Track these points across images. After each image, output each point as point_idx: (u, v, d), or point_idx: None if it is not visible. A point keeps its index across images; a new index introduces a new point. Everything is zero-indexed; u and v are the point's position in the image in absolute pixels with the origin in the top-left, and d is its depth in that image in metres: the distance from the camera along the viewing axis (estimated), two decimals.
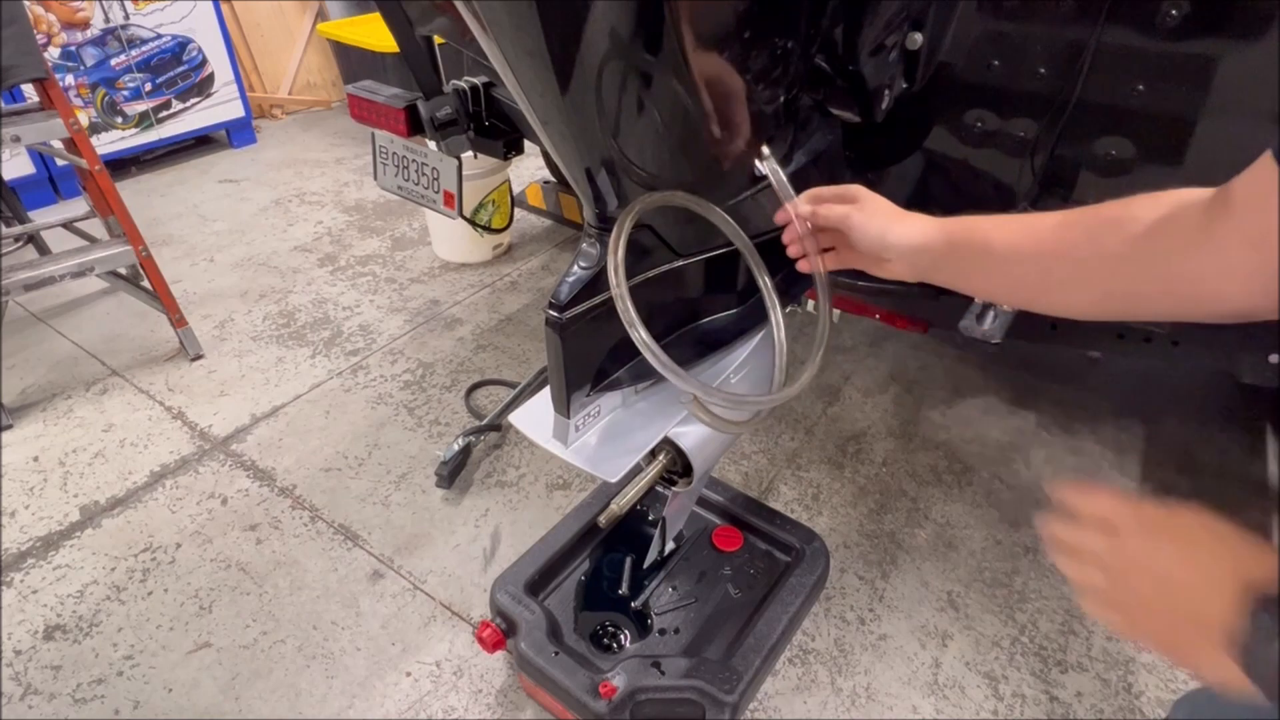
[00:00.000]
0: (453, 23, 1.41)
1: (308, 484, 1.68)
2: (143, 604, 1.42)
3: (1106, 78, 1.05)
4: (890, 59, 1.12)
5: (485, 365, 2.06)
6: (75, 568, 1.49)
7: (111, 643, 1.35)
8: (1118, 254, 0.62)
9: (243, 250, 2.68)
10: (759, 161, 0.84)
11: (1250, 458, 1.73)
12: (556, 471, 1.70)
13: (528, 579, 1.21)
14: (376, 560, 1.50)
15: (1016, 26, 1.10)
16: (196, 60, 3.25)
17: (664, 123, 0.75)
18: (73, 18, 2.87)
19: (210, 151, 3.54)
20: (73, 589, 1.45)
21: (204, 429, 1.84)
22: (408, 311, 2.31)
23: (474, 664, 1.30)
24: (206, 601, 1.42)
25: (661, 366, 0.70)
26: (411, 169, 1.59)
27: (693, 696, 1.06)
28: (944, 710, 1.24)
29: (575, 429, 0.87)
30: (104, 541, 1.55)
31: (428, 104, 1.50)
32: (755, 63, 0.78)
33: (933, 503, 1.62)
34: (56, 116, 1.72)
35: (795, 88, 0.90)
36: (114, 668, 1.31)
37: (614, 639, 1.19)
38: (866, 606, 1.40)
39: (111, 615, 1.40)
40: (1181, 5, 0.96)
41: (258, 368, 2.06)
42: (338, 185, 3.19)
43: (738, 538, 1.34)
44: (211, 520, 1.59)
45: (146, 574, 1.47)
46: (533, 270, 2.53)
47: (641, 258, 0.84)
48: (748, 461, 1.73)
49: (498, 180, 2.34)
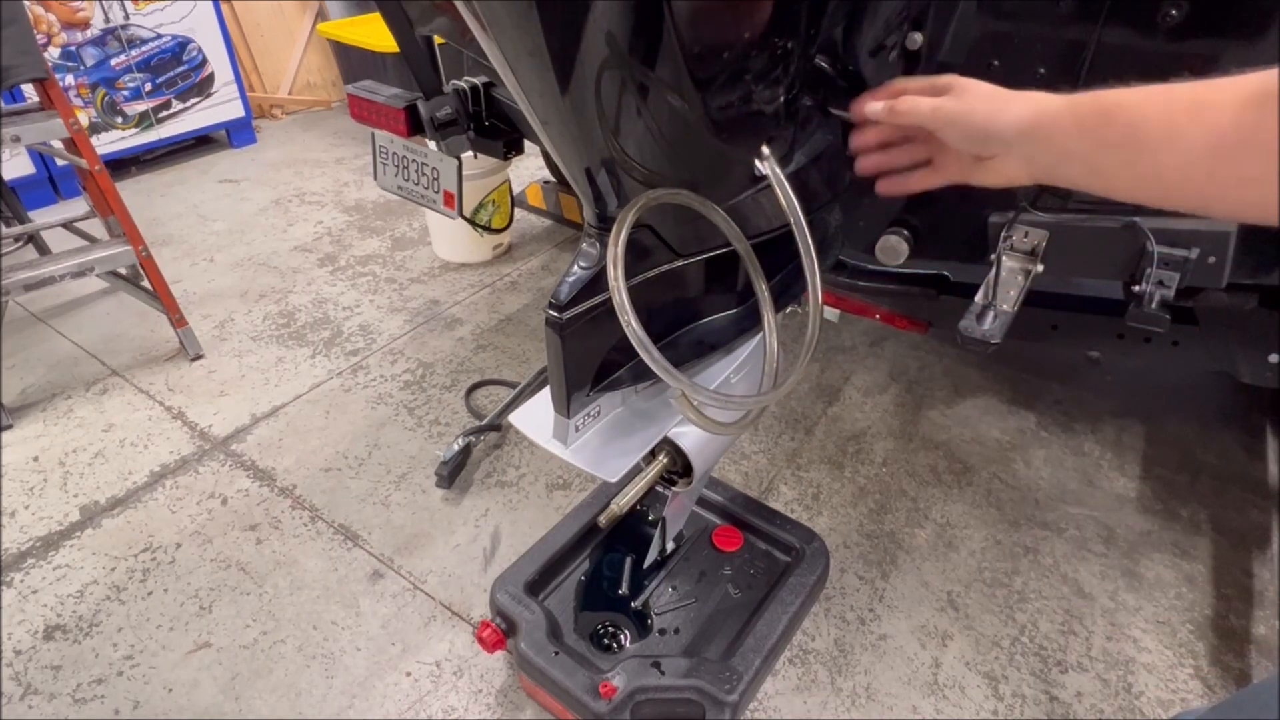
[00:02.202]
0: (453, 23, 1.41)
1: (308, 484, 1.68)
2: (143, 604, 1.42)
3: (1106, 78, 1.05)
4: (890, 59, 1.12)
5: (485, 365, 2.06)
6: (75, 568, 1.49)
7: (111, 643, 1.35)
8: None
9: (243, 250, 2.68)
10: (759, 161, 0.84)
11: (1250, 458, 1.73)
12: (556, 471, 1.70)
13: (528, 579, 1.21)
14: (376, 560, 1.50)
15: (1016, 26, 1.09)
16: (196, 60, 3.25)
17: (664, 123, 0.75)
18: (73, 18, 2.87)
19: (210, 151, 3.54)
20: (73, 589, 1.45)
21: (204, 429, 1.84)
22: (408, 311, 2.31)
23: (474, 664, 1.30)
24: (206, 601, 1.42)
25: (652, 361, 0.70)
26: (411, 169, 1.59)
27: (693, 696, 1.06)
28: (944, 710, 1.24)
29: (575, 429, 0.87)
30: (104, 541, 1.55)
31: (428, 104, 1.50)
32: (755, 63, 0.78)
33: (933, 503, 1.62)
34: (56, 116, 1.72)
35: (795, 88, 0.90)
36: (114, 668, 1.31)
37: (614, 639, 1.19)
38: (866, 606, 1.40)
39: (111, 615, 1.40)
40: (1181, 5, 0.95)
41: (258, 368, 2.06)
42: (338, 185, 3.19)
43: (738, 538, 1.34)
44: (211, 520, 1.59)
45: (146, 574, 1.47)
46: (533, 270, 2.53)
47: (641, 258, 0.84)
48: (748, 461, 1.73)
49: (498, 180, 2.34)
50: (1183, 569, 1.47)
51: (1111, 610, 1.39)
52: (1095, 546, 1.52)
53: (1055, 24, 1.06)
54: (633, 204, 0.72)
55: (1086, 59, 1.05)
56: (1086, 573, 1.46)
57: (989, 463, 1.72)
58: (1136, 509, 1.60)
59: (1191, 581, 1.45)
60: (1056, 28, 1.06)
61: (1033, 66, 1.10)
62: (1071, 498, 1.62)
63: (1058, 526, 1.56)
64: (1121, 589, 1.43)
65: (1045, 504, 1.61)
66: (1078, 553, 1.50)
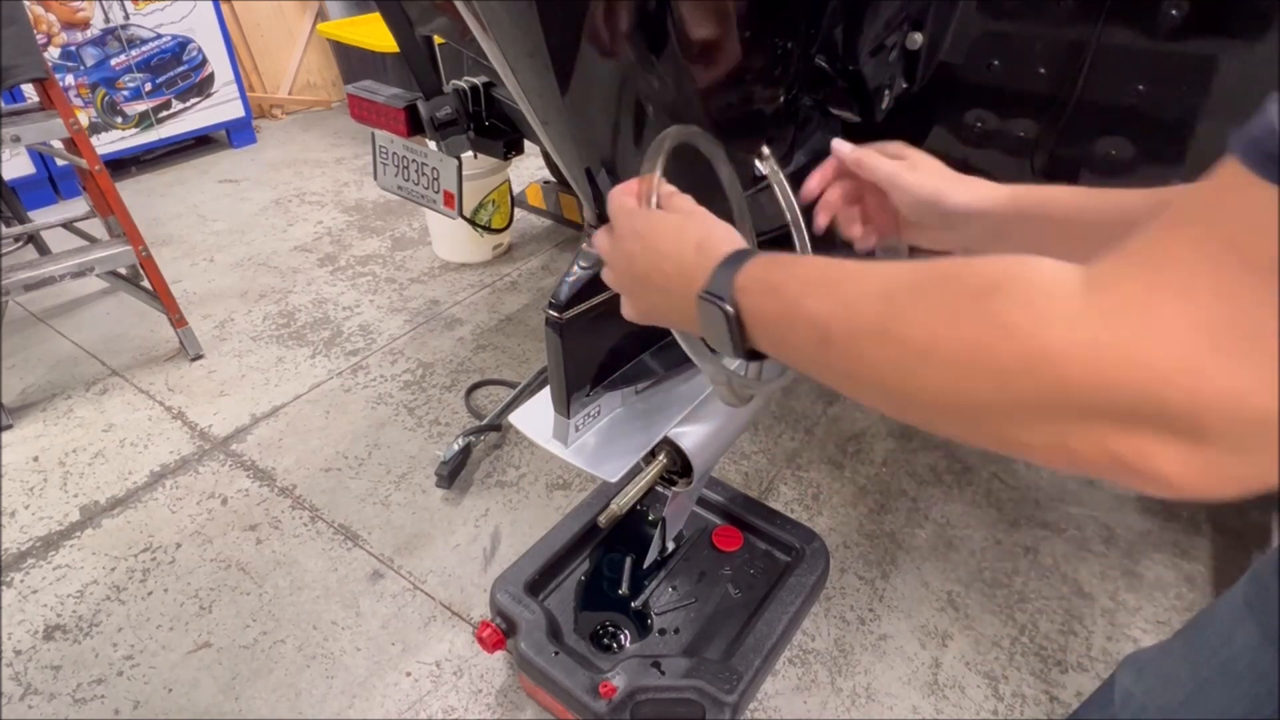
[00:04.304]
0: (453, 23, 1.41)
1: (308, 484, 1.68)
2: (143, 604, 1.42)
3: (1106, 78, 1.05)
4: (890, 59, 1.12)
5: (485, 365, 2.06)
6: (75, 568, 1.49)
7: (111, 643, 1.35)
8: None
9: (243, 250, 2.68)
10: (759, 161, 0.84)
11: None
12: (556, 471, 1.70)
13: (528, 579, 1.21)
14: (376, 560, 1.50)
15: (1016, 26, 1.10)
16: (196, 60, 3.25)
17: (664, 123, 0.75)
18: (73, 18, 2.87)
19: (210, 151, 3.54)
20: (73, 589, 1.45)
21: (204, 429, 1.84)
22: (408, 311, 2.31)
23: (474, 664, 1.30)
24: (206, 601, 1.42)
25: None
26: (411, 169, 1.59)
27: (693, 696, 1.06)
28: (944, 710, 1.24)
29: (575, 429, 0.87)
30: (104, 541, 1.55)
31: (428, 104, 1.50)
32: (755, 63, 0.78)
33: (933, 503, 1.62)
34: (56, 116, 1.72)
35: (795, 88, 0.90)
36: (114, 668, 1.31)
37: (614, 639, 1.19)
38: (866, 606, 1.40)
39: (111, 615, 1.40)
40: (1181, 5, 0.95)
41: (258, 368, 2.06)
42: (338, 185, 3.19)
43: (738, 538, 1.34)
44: (211, 520, 1.59)
45: (146, 574, 1.47)
46: (533, 270, 2.53)
47: None
48: (748, 461, 1.73)
49: (498, 180, 2.34)
50: (1183, 569, 1.47)
51: (1111, 610, 1.39)
52: (1095, 546, 1.52)
53: (1055, 24, 1.06)
54: (669, 133, 0.70)
55: (1086, 59, 1.05)
56: (1086, 573, 1.46)
57: (989, 462, 1.72)
58: (1136, 509, 1.60)
59: (1191, 581, 1.45)
60: (1056, 28, 1.06)
61: (1033, 66, 1.10)
62: (1071, 498, 1.62)
63: (1058, 526, 1.56)
64: (1121, 589, 1.43)
65: (1045, 504, 1.61)
66: (1078, 553, 1.50)
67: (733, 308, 0.50)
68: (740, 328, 0.50)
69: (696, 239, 0.55)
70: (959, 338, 0.36)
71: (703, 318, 0.52)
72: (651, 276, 0.57)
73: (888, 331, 0.40)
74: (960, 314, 0.36)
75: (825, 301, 0.44)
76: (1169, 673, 0.70)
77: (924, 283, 0.39)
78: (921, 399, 0.39)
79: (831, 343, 0.43)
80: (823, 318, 0.44)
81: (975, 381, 0.35)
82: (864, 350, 0.41)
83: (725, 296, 0.50)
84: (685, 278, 0.54)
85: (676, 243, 0.56)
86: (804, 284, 0.46)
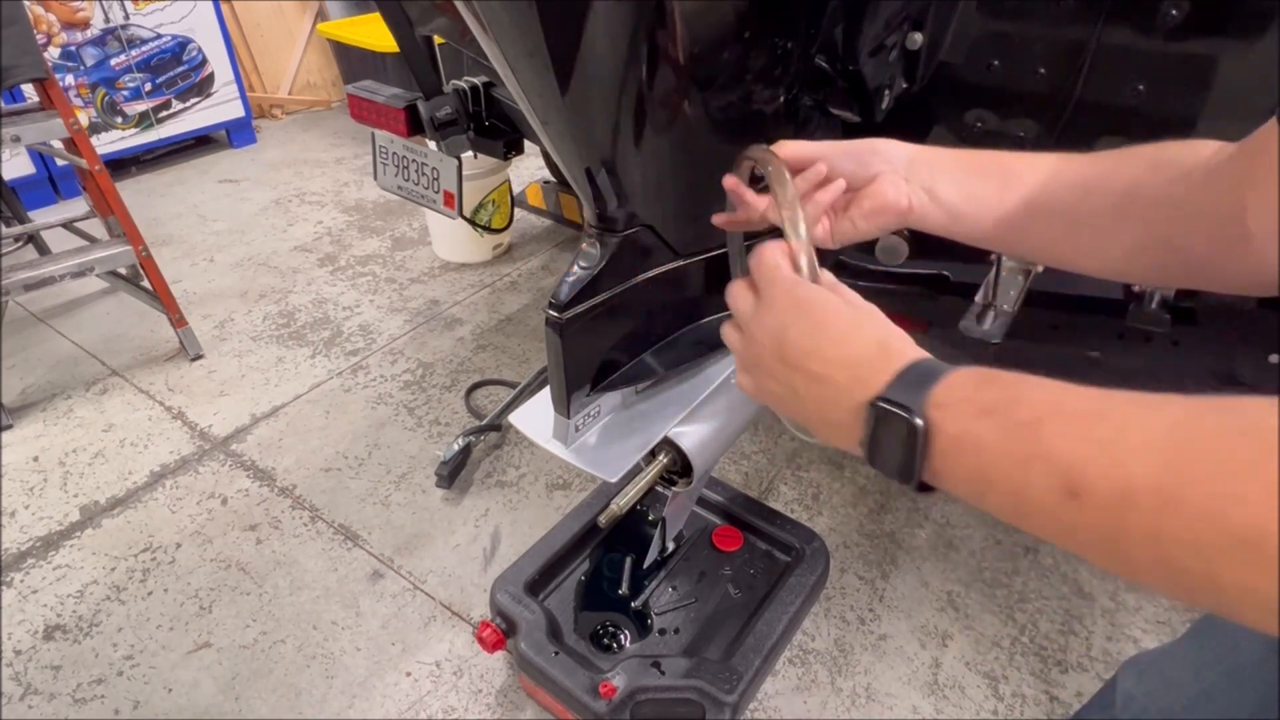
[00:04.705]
0: (453, 23, 1.41)
1: (308, 484, 1.68)
2: (143, 604, 1.42)
3: (1106, 78, 1.05)
4: (890, 59, 1.12)
5: (485, 365, 2.06)
6: (75, 568, 1.49)
7: (111, 643, 1.35)
8: (1165, 194, 0.53)
9: (243, 250, 2.68)
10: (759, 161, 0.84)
11: None
12: (556, 471, 1.70)
13: (528, 579, 1.21)
14: (376, 560, 1.50)
15: (1016, 26, 1.10)
16: (196, 60, 3.25)
17: (664, 123, 0.75)
18: (73, 18, 2.87)
19: (210, 151, 3.54)
20: (73, 589, 1.45)
21: (204, 429, 1.84)
22: (408, 311, 2.31)
23: (474, 664, 1.30)
24: (206, 601, 1.42)
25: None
26: (411, 169, 1.59)
27: (693, 696, 1.06)
28: (944, 710, 1.24)
29: (575, 429, 0.87)
30: (104, 541, 1.55)
31: (428, 104, 1.50)
32: (755, 62, 0.78)
33: (933, 503, 1.62)
34: (56, 116, 1.72)
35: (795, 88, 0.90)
36: (114, 668, 1.31)
37: (614, 639, 1.19)
38: (866, 606, 1.40)
39: (111, 615, 1.40)
40: (1181, 5, 0.95)
41: (258, 368, 2.06)
42: (338, 185, 3.19)
43: (738, 538, 1.34)
44: (211, 520, 1.59)
45: (146, 574, 1.47)
46: (533, 270, 2.53)
47: (642, 258, 0.84)
48: (748, 461, 1.73)
49: (498, 180, 2.34)
50: None
51: (1111, 610, 1.39)
52: None
53: (1055, 24, 1.06)
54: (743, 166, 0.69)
55: (1086, 59, 1.05)
56: (1086, 573, 1.46)
57: None
58: None
59: None
60: (1056, 28, 1.06)
61: (1033, 66, 1.10)
62: None
63: None
64: (1121, 589, 1.43)
65: None
66: None
67: (923, 422, 0.42)
68: (926, 449, 0.42)
69: (879, 336, 0.48)
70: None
71: (871, 428, 0.45)
72: (805, 362, 0.49)
73: (1180, 499, 0.31)
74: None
75: (1080, 442, 0.35)
76: (1171, 676, 0.70)
77: (1214, 432, 0.32)
78: (1225, 593, 0.31)
79: (1084, 495, 0.34)
80: (1077, 461, 0.35)
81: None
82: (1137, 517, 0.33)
83: (915, 409, 0.42)
84: (856, 375, 0.46)
85: (853, 333, 0.48)
86: (1043, 411, 0.37)
